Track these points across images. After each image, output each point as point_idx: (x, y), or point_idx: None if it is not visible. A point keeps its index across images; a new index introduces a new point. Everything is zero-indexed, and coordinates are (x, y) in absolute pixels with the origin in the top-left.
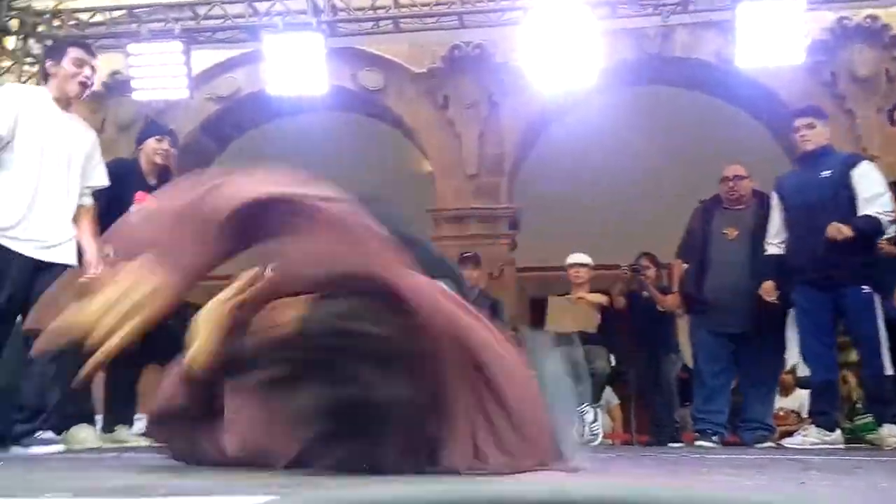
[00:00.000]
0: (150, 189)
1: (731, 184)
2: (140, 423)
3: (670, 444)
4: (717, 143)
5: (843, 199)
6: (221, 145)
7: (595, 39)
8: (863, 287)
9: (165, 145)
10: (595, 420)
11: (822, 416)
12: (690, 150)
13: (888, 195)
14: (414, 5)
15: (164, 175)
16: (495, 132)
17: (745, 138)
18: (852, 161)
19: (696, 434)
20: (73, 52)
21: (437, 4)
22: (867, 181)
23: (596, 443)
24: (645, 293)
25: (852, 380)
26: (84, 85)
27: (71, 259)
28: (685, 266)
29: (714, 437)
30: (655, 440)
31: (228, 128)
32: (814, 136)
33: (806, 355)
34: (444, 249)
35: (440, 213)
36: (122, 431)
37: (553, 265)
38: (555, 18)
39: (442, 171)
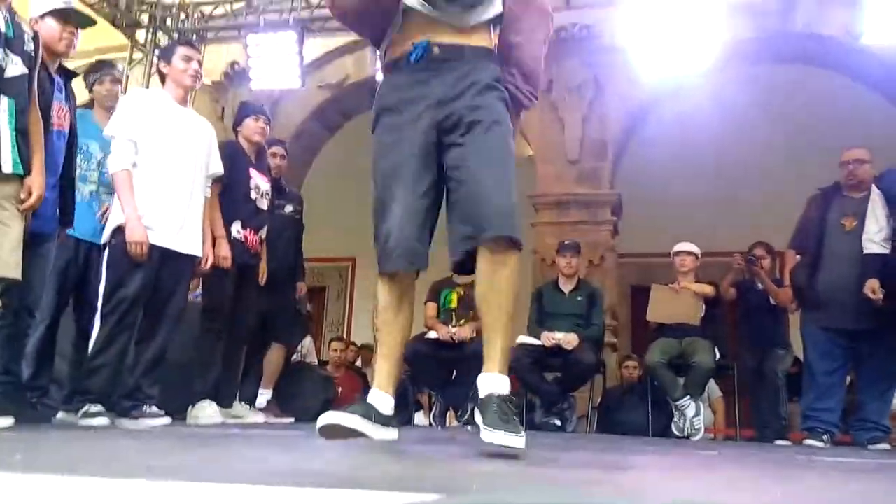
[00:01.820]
0: (255, 167)
1: (850, 167)
2: (263, 397)
3: (777, 442)
4: (841, 125)
5: None
6: (329, 132)
7: (711, 18)
8: None
9: (262, 123)
10: (697, 414)
11: None
12: (810, 133)
13: None
14: None
15: (261, 153)
16: (599, 116)
17: (872, 120)
18: None
19: (805, 432)
20: (181, 51)
21: None
22: None
23: (697, 437)
24: (759, 285)
25: None
26: (195, 77)
27: (197, 250)
28: (798, 257)
29: (824, 437)
30: (760, 436)
31: (335, 114)
32: None
33: None
34: (544, 235)
35: (541, 199)
36: (239, 407)
37: (656, 252)
38: None
39: (543, 155)
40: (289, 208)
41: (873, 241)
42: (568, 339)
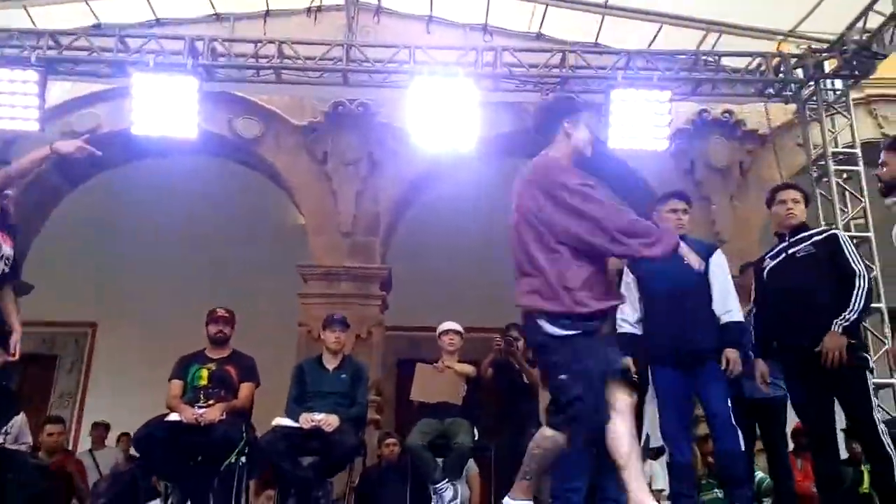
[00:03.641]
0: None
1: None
2: None
3: None
4: None
5: (703, 285)
6: (73, 184)
7: (476, 109)
8: (716, 361)
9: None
10: (454, 497)
11: (685, 498)
12: None
13: (733, 289)
14: (298, 58)
15: (3, 210)
16: (373, 191)
17: None
18: (712, 249)
19: None
20: None
21: (322, 59)
22: (721, 273)
23: None
24: (515, 364)
25: (697, 454)
26: None
27: None
28: None
29: None
30: None
31: (83, 165)
32: (686, 222)
33: (666, 435)
34: (311, 307)
35: (310, 270)
36: None
37: (423, 325)
38: (439, 85)
39: (316, 226)
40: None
41: (628, 321)
42: (329, 421)
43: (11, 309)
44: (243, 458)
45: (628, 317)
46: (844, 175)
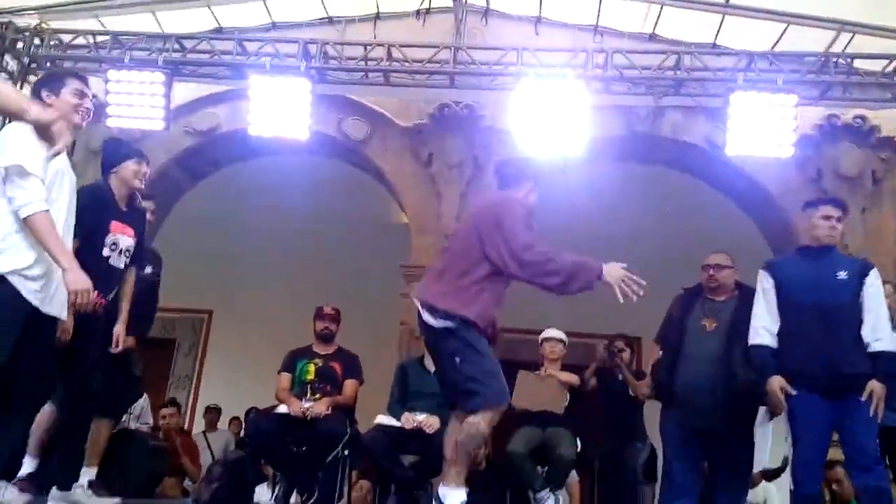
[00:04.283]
0: (122, 217)
1: (710, 272)
2: (86, 477)
3: None
4: (704, 227)
5: (857, 307)
6: (194, 179)
7: (585, 112)
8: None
9: (146, 168)
10: None
11: None
12: (676, 231)
13: (886, 314)
14: (406, 61)
15: (132, 201)
16: (477, 193)
17: (732, 225)
18: (866, 269)
19: None
20: (73, 84)
21: (430, 62)
22: (877, 295)
23: None
24: (619, 376)
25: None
26: (85, 116)
27: (63, 312)
28: (661, 353)
29: None
30: None
31: (203, 162)
32: (839, 232)
33: (798, 465)
34: (410, 305)
35: (414, 270)
36: (80, 493)
37: (520, 328)
38: (547, 88)
39: (419, 227)
40: (148, 269)
41: (768, 330)
42: (429, 423)
43: (126, 292)
44: (346, 452)
45: (769, 326)
46: None
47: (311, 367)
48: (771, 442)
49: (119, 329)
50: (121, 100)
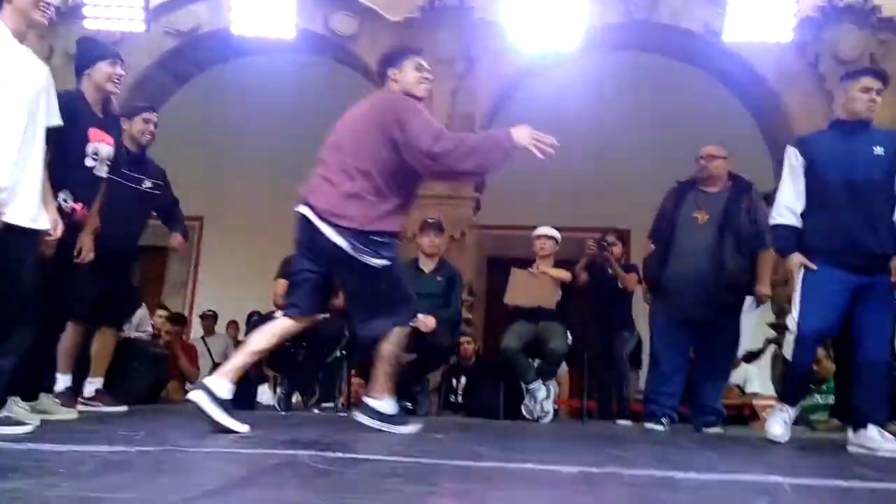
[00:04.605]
0: (99, 124)
1: (703, 163)
2: (93, 386)
3: (618, 422)
4: (699, 117)
5: (891, 186)
6: (178, 83)
7: (581, 1)
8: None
9: (120, 70)
10: (547, 396)
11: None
12: (671, 122)
13: None
14: None
15: (107, 108)
16: (469, 89)
17: (729, 117)
18: None
19: (647, 417)
20: None
21: None
22: None
23: (547, 419)
24: (609, 270)
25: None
26: (45, 12)
27: (43, 222)
28: (653, 247)
29: (663, 420)
30: (601, 412)
31: (187, 64)
32: (878, 105)
33: (804, 332)
34: None
35: None
36: (46, 400)
37: (513, 224)
38: None
39: None
40: (147, 184)
41: (792, 210)
42: (426, 322)
43: (98, 202)
44: (344, 353)
45: (793, 205)
46: None
47: None
48: (755, 327)
49: (86, 240)
50: (98, 0)
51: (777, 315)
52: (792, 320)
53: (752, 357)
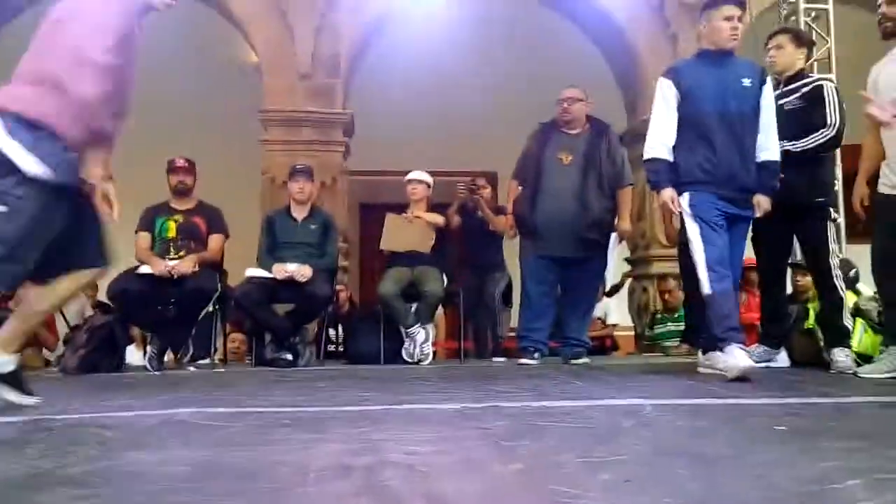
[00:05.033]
0: None
1: (565, 104)
2: None
3: (494, 359)
4: (560, 61)
5: (757, 115)
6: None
7: None
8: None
9: None
10: (426, 340)
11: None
12: (535, 66)
13: (775, 123)
14: None
15: None
16: (332, 28)
17: (584, 58)
18: (764, 74)
19: (520, 352)
20: None
21: None
22: (772, 107)
23: (427, 362)
24: (479, 213)
25: (651, 290)
26: None
27: None
28: (520, 188)
29: (535, 354)
30: (478, 352)
31: None
32: (740, 32)
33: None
34: (274, 154)
35: (271, 115)
36: None
37: (386, 170)
38: None
39: (271, 67)
40: None
41: (664, 144)
42: (302, 272)
43: None
44: (217, 307)
45: (666, 139)
46: (813, 13)
47: (172, 225)
48: (616, 263)
49: None
50: None
51: (632, 251)
52: (699, 253)
53: (613, 291)
